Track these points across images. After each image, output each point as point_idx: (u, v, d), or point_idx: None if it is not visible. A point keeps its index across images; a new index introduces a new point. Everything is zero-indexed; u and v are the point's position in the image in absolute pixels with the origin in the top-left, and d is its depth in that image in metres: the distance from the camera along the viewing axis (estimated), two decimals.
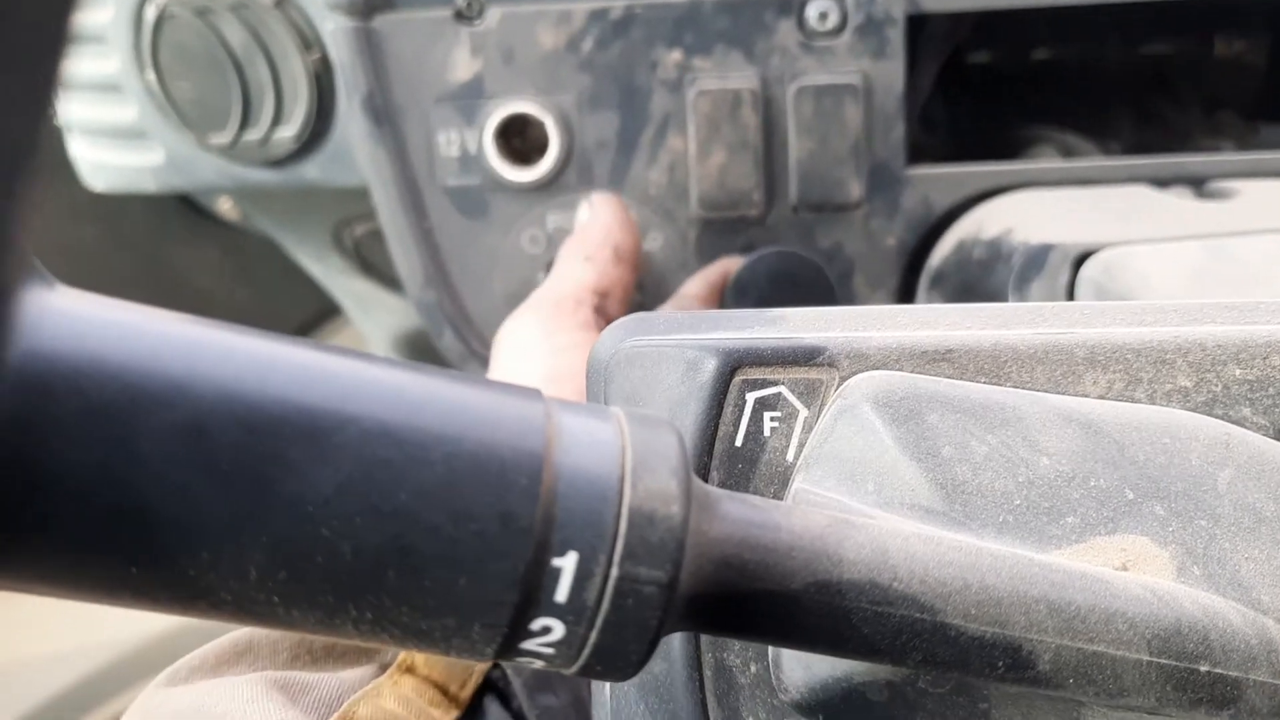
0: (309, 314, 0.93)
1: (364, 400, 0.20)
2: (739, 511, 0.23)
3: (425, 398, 0.21)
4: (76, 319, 0.18)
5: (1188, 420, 0.28)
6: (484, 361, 0.62)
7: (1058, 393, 0.29)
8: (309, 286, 0.84)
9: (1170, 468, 0.27)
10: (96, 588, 0.19)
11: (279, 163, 0.65)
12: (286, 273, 0.84)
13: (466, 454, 0.20)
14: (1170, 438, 0.27)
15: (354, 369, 0.20)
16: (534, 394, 0.22)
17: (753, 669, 0.29)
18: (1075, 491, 0.27)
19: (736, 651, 0.29)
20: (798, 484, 0.28)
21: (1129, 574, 0.25)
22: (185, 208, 0.80)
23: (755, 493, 0.29)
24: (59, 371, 0.18)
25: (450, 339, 0.61)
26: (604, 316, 0.50)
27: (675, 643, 0.29)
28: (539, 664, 0.22)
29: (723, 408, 0.29)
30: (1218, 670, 0.23)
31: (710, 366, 0.29)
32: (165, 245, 0.83)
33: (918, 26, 0.59)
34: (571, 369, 0.46)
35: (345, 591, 0.20)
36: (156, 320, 0.20)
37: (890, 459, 0.27)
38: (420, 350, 0.83)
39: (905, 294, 0.59)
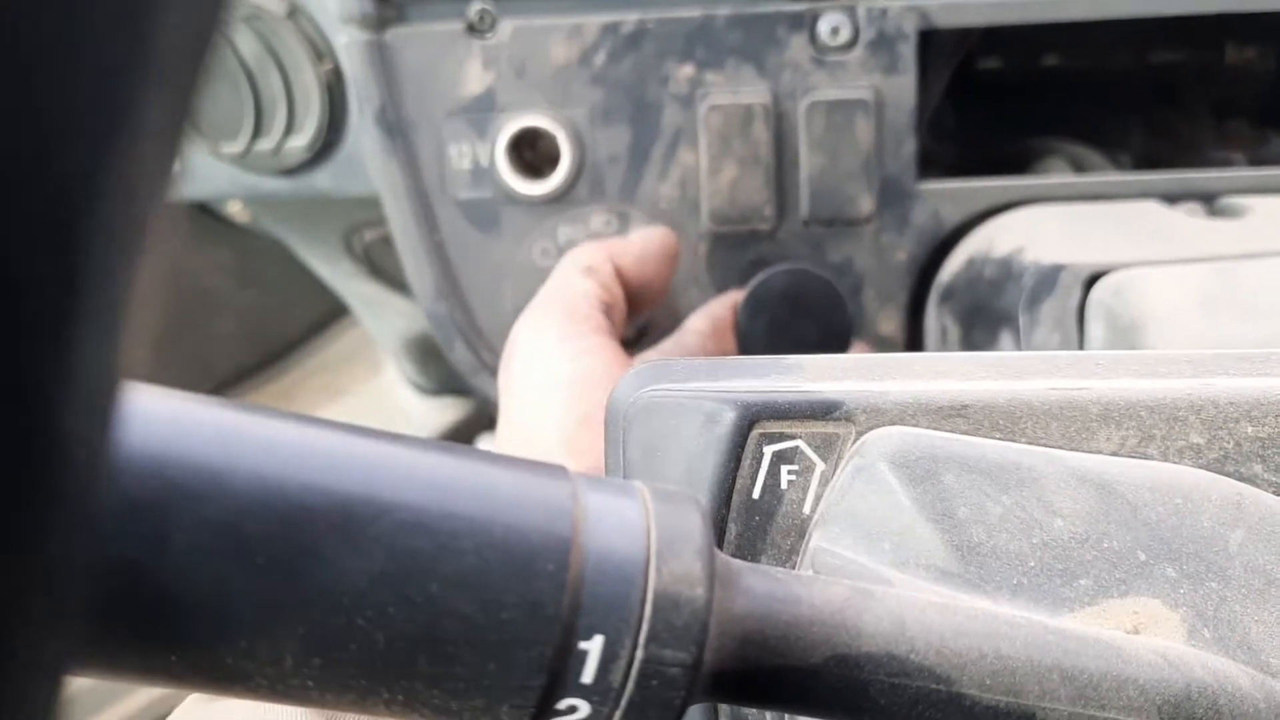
0: (317, 315, 0.94)
1: (397, 489, 0.20)
2: (761, 585, 0.23)
3: (456, 483, 0.21)
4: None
5: (1201, 480, 0.28)
6: (494, 373, 0.62)
7: (1071, 448, 0.29)
8: (317, 288, 0.84)
9: (1182, 529, 0.27)
10: (135, 673, 0.20)
11: (290, 172, 0.65)
12: (295, 274, 0.85)
13: (497, 542, 0.20)
14: (1183, 498, 0.28)
15: (387, 456, 0.21)
16: (561, 473, 0.23)
17: None
18: (1089, 553, 0.27)
19: (754, 715, 0.30)
20: (815, 541, 0.28)
21: (1141, 638, 0.26)
22: (196, 210, 0.80)
23: (772, 544, 0.30)
24: None
25: (461, 350, 0.61)
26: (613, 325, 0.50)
27: (693, 711, 0.30)
28: None
29: (740, 460, 0.30)
30: None
31: (729, 419, 0.30)
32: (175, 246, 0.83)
33: (928, 39, 0.59)
34: (594, 373, 0.45)
35: (378, 677, 0.20)
36: (190, 409, 0.20)
37: (907, 519, 0.27)
38: (428, 353, 0.84)
39: (915, 309, 0.60)
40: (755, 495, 0.30)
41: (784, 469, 0.30)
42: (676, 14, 0.57)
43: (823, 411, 0.30)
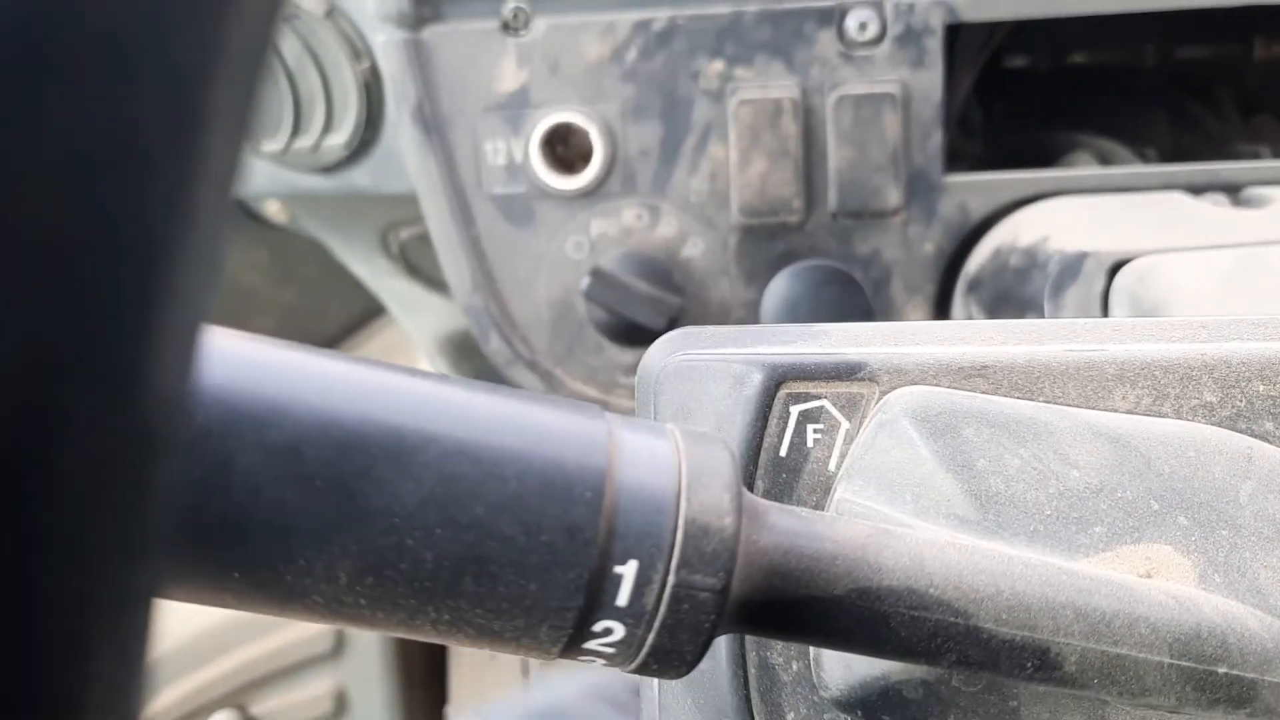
0: (353, 314, 0.96)
1: (445, 420, 0.22)
2: (786, 522, 0.24)
3: (499, 418, 0.22)
4: None
5: (1212, 435, 0.29)
6: (528, 364, 0.63)
7: (1088, 407, 0.30)
8: (353, 287, 0.86)
9: (1194, 480, 0.28)
10: (199, 591, 0.21)
11: (329, 169, 0.67)
12: (331, 273, 0.87)
13: (537, 470, 0.22)
14: (1195, 451, 0.29)
15: (435, 391, 0.22)
16: (596, 412, 0.24)
17: (794, 667, 0.31)
18: (1103, 502, 0.28)
19: (779, 650, 0.31)
20: (840, 494, 0.29)
21: (1153, 581, 0.27)
22: (235, 209, 0.82)
23: (798, 500, 0.31)
24: None
25: (496, 343, 0.63)
26: None
27: (721, 641, 0.31)
28: (600, 662, 0.24)
29: (768, 420, 0.31)
30: (1235, 672, 0.25)
31: (756, 380, 0.31)
32: None
33: (955, 34, 0.60)
34: None
35: (426, 596, 0.21)
36: (252, 347, 0.21)
37: (928, 471, 0.28)
38: (463, 350, 0.85)
39: (942, 300, 0.60)
40: (782, 453, 0.31)
41: (810, 428, 0.31)
42: (707, 10, 0.59)
43: (847, 372, 0.31)
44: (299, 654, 1.04)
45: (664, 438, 0.24)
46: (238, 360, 0.21)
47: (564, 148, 0.62)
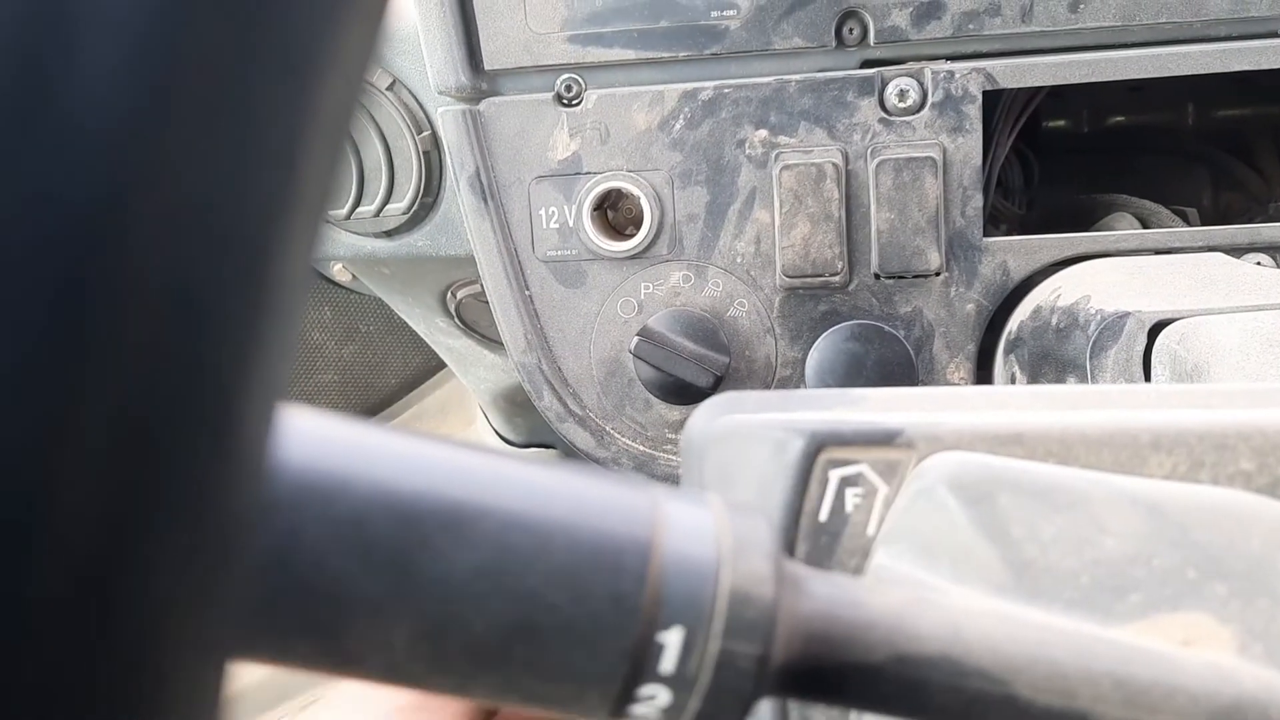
0: (412, 370, 0.99)
1: (499, 493, 0.23)
2: (825, 589, 0.25)
3: (551, 491, 0.24)
4: None
5: (1250, 502, 0.29)
6: (579, 420, 0.65)
7: (1124, 474, 0.31)
8: (412, 343, 0.89)
9: (1232, 549, 0.29)
10: (262, 654, 0.23)
11: (390, 233, 0.70)
12: (391, 330, 0.90)
13: (585, 541, 0.23)
14: (1233, 519, 0.29)
15: (489, 466, 0.24)
16: (641, 484, 0.25)
17: None
18: (1139, 570, 0.29)
19: (821, 711, 0.32)
20: (877, 559, 0.30)
21: (1191, 650, 0.27)
22: (309, 288, 0.86)
23: (838, 564, 0.32)
24: None
25: (549, 399, 0.65)
26: None
27: (765, 703, 0.32)
28: None
29: (808, 485, 0.32)
30: None
31: (797, 447, 0.32)
32: None
33: (994, 99, 0.61)
34: None
35: (478, 662, 0.23)
36: (321, 423, 0.23)
37: (964, 538, 0.29)
38: (517, 405, 0.88)
39: (983, 358, 0.61)
40: (822, 518, 0.32)
41: (849, 492, 0.32)
42: (751, 81, 0.61)
43: (885, 438, 0.32)
44: None
45: (705, 508, 0.25)
46: (306, 435, 0.23)
47: (614, 213, 0.64)
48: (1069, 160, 0.74)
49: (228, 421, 0.15)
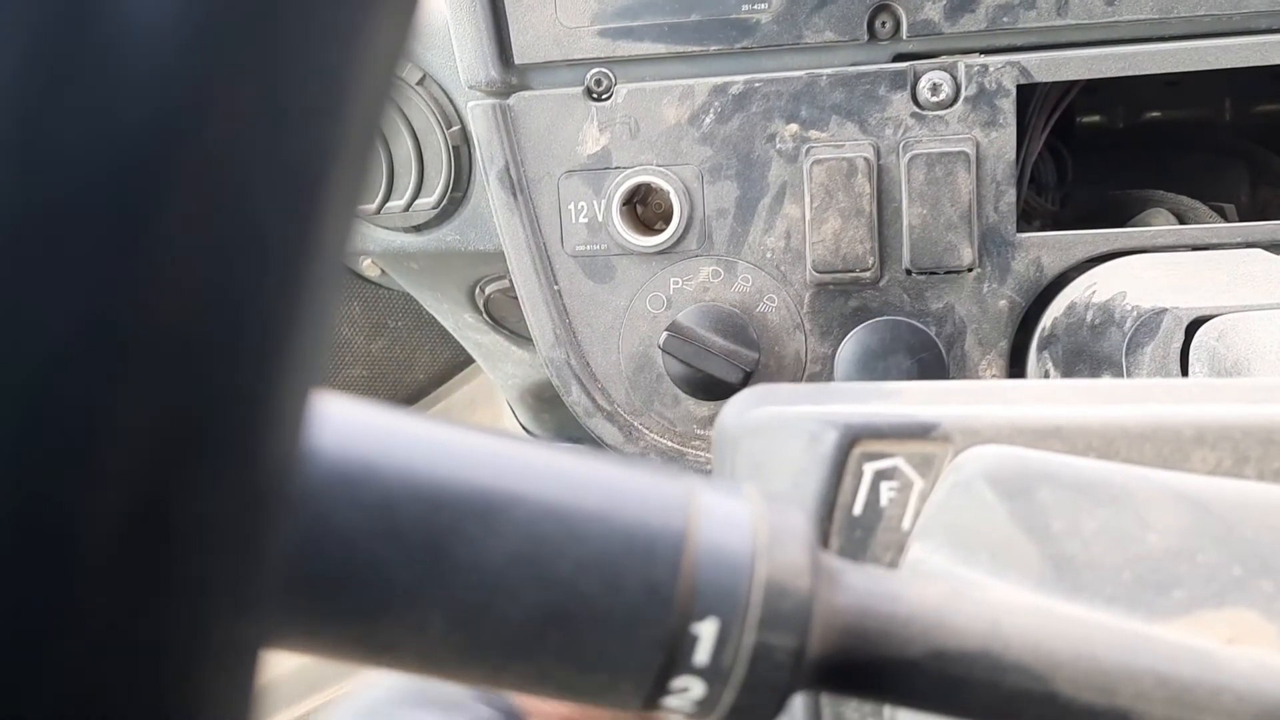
0: (440, 365, 0.99)
1: (531, 481, 0.23)
2: (862, 582, 0.25)
3: (583, 479, 0.24)
4: None
5: None
6: (607, 415, 0.65)
7: (1166, 469, 0.30)
8: (440, 338, 0.89)
9: (1278, 545, 0.28)
10: (296, 641, 0.23)
11: (419, 228, 0.70)
12: (420, 325, 0.90)
13: (619, 530, 0.23)
14: (1278, 516, 0.29)
15: (521, 453, 0.24)
16: (676, 473, 0.25)
17: None
18: (1183, 566, 0.28)
19: (854, 708, 0.31)
20: (914, 553, 0.30)
21: (1237, 648, 0.27)
22: (342, 284, 0.86)
23: (872, 558, 0.32)
24: None
25: (577, 394, 0.65)
26: None
27: (798, 698, 0.32)
28: (681, 717, 0.24)
29: (843, 477, 0.32)
30: None
31: (831, 439, 0.32)
32: None
33: (1028, 93, 0.61)
34: None
35: (512, 650, 0.23)
36: (347, 408, 0.23)
37: (1003, 532, 0.29)
38: (544, 400, 0.87)
39: (1016, 355, 0.61)
40: (856, 511, 0.32)
41: (884, 486, 0.32)
42: (782, 75, 0.60)
43: (921, 431, 0.31)
44: None
45: (741, 499, 0.25)
46: (333, 421, 0.23)
47: (643, 207, 0.64)
48: (1103, 157, 0.73)
49: (265, 406, 0.15)
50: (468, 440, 0.24)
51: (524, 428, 0.99)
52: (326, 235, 0.15)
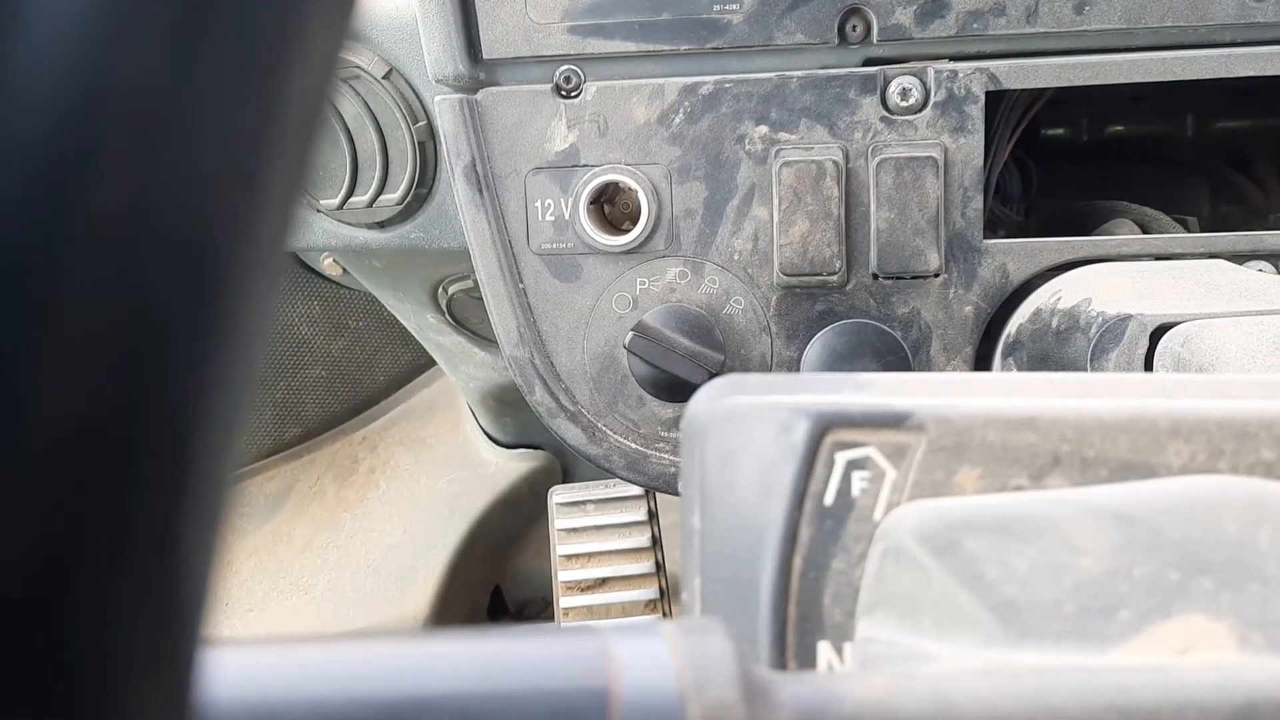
0: (401, 367, 0.98)
1: (443, 683, 0.22)
2: (800, 694, 0.24)
3: (495, 663, 0.23)
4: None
5: (1214, 487, 0.28)
6: (571, 416, 0.64)
7: (1140, 462, 0.30)
8: (402, 339, 0.88)
9: (1208, 539, 0.28)
10: None
11: (383, 224, 0.69)
12: (381, 326, 0.88)
13: (542, 710, 0.22)
14: (1202, 509, 0.28)
15: (429, 653, 0.23)
16: (588, 631, 0.24)
17: None
18: (1121, 585, 0.27)
19: None
20: (860, 631, 0.29)
21: (1192, 658, 0.26)
22: (291, 264, 0.85)
23: (843, 548, 0.31)
24: None
25: (541, 394, 0.64)
26: None
27: None
28: None
29: (814, 467, 0.31)
30: None
31: (803, 428, 0.31)
32: None
33: (996, 100, 0.61)
34: None
35: None
36: (242, 656, 0.22)
37: (941, 591, 0.28)
38: (506, 403, 0.86)
39: (981, 361, 0.61)
40: (828, 501, 0.31)
41: (856, 475, 0.31)
42: (753, 76, 0.60)
43: (894, 421, 0.31)
44: None
45: (659, 639, 0.24)
46: (230, 671, 0.21)
47: (611, 207, 0.64)
48: (1067, 170, 0.74)
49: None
50: (370, 654, 0.23)
51: (485, 432, 0.97)
52: (263, 216, 0.14)
